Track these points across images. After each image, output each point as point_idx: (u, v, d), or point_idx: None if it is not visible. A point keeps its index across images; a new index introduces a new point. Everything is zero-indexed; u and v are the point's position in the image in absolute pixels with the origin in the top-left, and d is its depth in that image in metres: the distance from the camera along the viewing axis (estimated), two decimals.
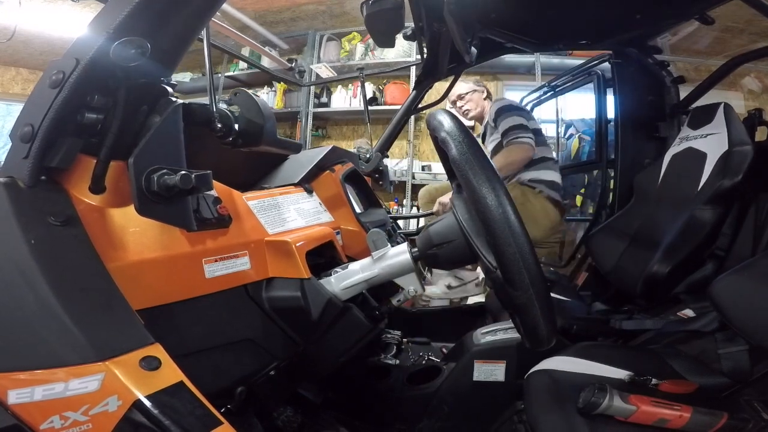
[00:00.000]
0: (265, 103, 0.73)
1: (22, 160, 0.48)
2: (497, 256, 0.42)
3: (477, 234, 0.55)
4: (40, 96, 0.49)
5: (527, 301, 0.42)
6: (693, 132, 1.30)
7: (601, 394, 0.72)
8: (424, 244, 0.66)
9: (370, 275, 0.70)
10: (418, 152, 3.69)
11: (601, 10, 1.26)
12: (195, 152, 0.58)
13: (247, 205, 0.73)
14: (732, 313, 0.78)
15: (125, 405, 0.39)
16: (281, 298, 0.69)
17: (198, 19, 0.59)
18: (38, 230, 0.45)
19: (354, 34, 3.70)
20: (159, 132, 0.52)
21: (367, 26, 1.06)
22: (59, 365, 0.40)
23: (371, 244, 0.70)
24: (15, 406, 0.39)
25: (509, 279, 0.42)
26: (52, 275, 0.43)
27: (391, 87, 3.57)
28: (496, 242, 0.40)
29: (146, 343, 0.44)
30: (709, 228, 1.11)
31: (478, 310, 1.50)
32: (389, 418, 1.02)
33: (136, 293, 0.50)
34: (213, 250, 0.62)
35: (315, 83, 3.76)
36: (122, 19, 0.48)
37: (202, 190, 0.53)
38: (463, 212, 0.58)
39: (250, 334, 0.68)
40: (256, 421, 0.72)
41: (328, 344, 0.75)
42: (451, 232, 0.62)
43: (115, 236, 0.52)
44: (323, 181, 1.02)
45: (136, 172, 0.48)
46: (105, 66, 0.48)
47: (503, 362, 0.99)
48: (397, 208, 3.55)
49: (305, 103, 3.83)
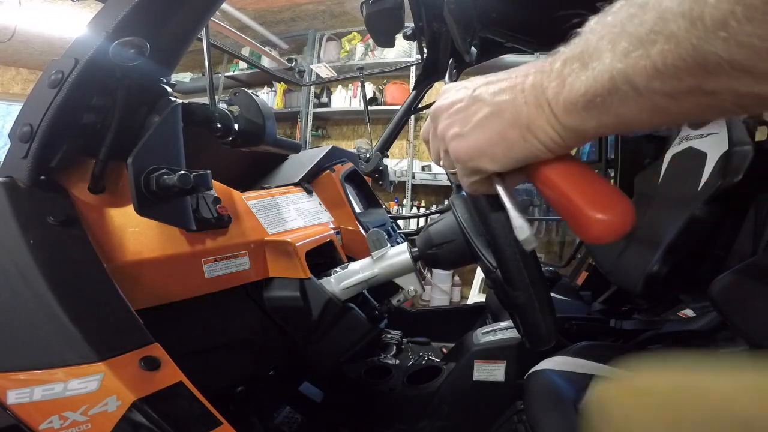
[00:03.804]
0: (265, 102, 0.73)
1: (21, 159, 0.48)
2: (497, 256, 0.42)
3: (477, 234, 0.55)
4: (40, 96, 0.49)
5: (527, 301, 0.42)
6: (693, 132, 1.30)
7: None
8: (424, 244, 0.66)
9: (369, 275, 0.70)
10: (418, 152, 3.68)
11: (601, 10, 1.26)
12: (194, 152, 0.58)
13: (247, 205, 0.73)
14: (732, 313, 0.78)
15: (124, 405, 0.39)
16: (281, 298, 0.69)
17: (197, 19, 0.59)
18: (37, 230, 0.45)
19: (354, 34, 3.70)
20: (158, 132, 0.52)
21: (367, 26, 1.06)
22: (58, 365, 0.40)
23: (371, 244, 0.70)
24: (14, 406, 0.39)
25: (509, 279, 0.42)
26: (52, 275, 0.43)
27: (391, 87, 3.56)
28: (496, 242, 0.40)
29: (146, 343, 0.44)
30: (709, 228, 1.11)
31: (478, 310, 1.49)
32: (389, 418, 1.02)
33: (136, 293, 0.50)
34: (212, 250, 0.62)
35: (315, 83, 3.76)
36: (121, 18, 0.48)
37: (201, 189, 0.53)
38: (463, 212, 0.58)
39: (250, 334, 0.68)
40: (256, 421, 0.72)
41: (328, 344, 0.75)
42: (451, 232, 0.62)
43: (115, 236, 0.52)
44: (323, 181, 1.02)
45: (135, 172, 0.48)
46: (104, 66, 0.48)
47: (503, 362, 0.99)
48: (397, 208, 3.54)
49: (305, 103, 3.82)
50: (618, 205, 0.27)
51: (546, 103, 0.29)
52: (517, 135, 0.30)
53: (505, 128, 0.30)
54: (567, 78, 0.27)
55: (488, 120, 0.31)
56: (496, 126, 0.31)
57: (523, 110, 0.30)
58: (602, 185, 0.28)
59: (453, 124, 0.33)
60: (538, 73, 0.30)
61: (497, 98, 0.31)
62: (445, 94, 0.36)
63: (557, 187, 0.29)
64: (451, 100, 0.34)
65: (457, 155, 0.33)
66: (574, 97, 0.27)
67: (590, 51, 0.26)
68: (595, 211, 0.27)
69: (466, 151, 0.32)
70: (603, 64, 0.25)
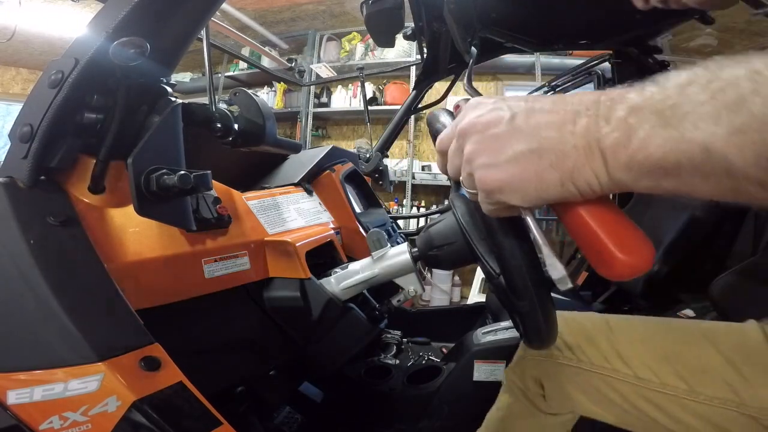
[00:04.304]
0: (265, 102, 0.73)
1: (21, 160, 0.47)
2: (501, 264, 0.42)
3: (479, 238, 0.54)
4: (40, 96, 0.49)
5: (531, 310, 0.42)
6: None
7: None
8: (424, 244, 0.66)
9: (370, 275, 0.70)
10: (418, 152, 3.68)
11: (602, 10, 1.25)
12: (194, 152, 0.58)
13: (247, 205, 0.73)
14: (732, 313, 0.78)
15: (124, 405, 0.39)
16: (281, 298, 0.69)
17: (197, 19, 0.58)
18: (37, 230, 0.45)
19: (354, 34, 3.70)
20: (158, 132, 0.52)
21: (367, 26, 1.06)
22: (59, 365, 0.40)
23: (371, 245, 0.70)
24: (14, 407, 0.39)
25: (513, 287, 0.42)
26: (52, 275, 0.43)
27: (391, 87, 3.56)
28: (501, 253, 0.40)
29: (146, 343, 0.44)
30: (709, 228, 1.11)
31: (478, 310, 1.49)
32: (389, 418, 1.02)
33: (136, 293, 0.50)
34: (213, 250, 0.62)
35: (315, 83, 3.76)
36: (121, 18, 0.48)
37: (201, 190, 0.53)
38: (464, 213, 0.58)
39: (250, 334, 0.68)
40: (256, 421, 0.72)
41: (329, 344, 0.75)
42: (452, 233, 0.62)
43: (115, 236, 0.52)
44: (323, 181, 1.02)
45: (136, 172, 0.48)
46: (104, 66, 0.48)
47: (503, 362, 0.98)
48: (397, 208, 3.54)
49: (305, 103, 3.82)
50: (643, 248, 0.28)
51: (599, 153, 0.26)
52: (556, 179, 0.28)
53: (543, 169, 0.28)
54: (636, 131, 0.24)
55: (526, 157, 0.28)
56: (534, 165, 0.28)
57: (571, 155, 0.27)
58: (629, 227, 0.29)
59: (484, 151, 0.30)
60: (593, 115, 0.26)
61: (541, 134, 0.28)
62: (476, 110, 0.32)
63: (585, 225, 0.29)
64: (485, 121, 0.31)
65: (484, 185, 0.31)
66: (643, 157, 0.24)
67: (681, 112, 0.23)
68: (621, 253, 0.28)
69: (496, 183, 0.30)
70: (698, 132, 0.22)
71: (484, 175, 0.30)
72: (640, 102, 0.24)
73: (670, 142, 0.23)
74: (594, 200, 0.29)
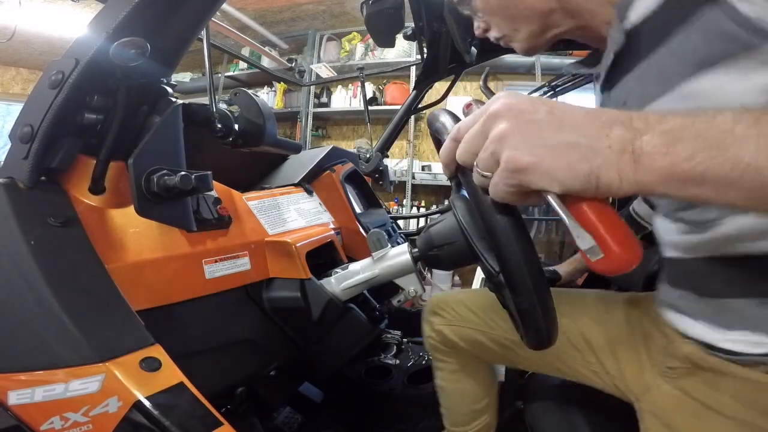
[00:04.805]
0: (265, 103, 0.73)
1: (21, 160, 0.48)
2: (501, 262, 0.42)
3: (479, 238, 0.54)
4: (40, 96, 0.49)
5: (530, 307, 0.42)
6: None
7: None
8: (424, 245, 0.66)
9: (370, 276, 0.70)
10: (418, 152, 3.68)
11: None
12: (195, 153, 0.58)
13: (247, 206, 0.73)
14: None
15: (125, 406, 0.39)
16: (281, 298, 0.69)
17: (198, 19, 0.58)
18: (38, 231, 0.45)
19: (354, 34, 3.70)
20: (159, 132, 0.52)
21: (367, 26, 1.05)
22: (59, 366, 0.40)
23: (371, 245, 0.70)
24: (15, 407, 0.39)
25: (512, 285, 0.41)
26: (52, 276, 0.43)
27: (391, 87, 3.56)
28: (500, 250, 0.40)
29: (146, 343, 0.44)
30: None
31: None
32: (389, 418, 1.02)
33: (136, 294, 0.50)
34: (213, 250, 0.62)
35: (315, 83, 3.76)
36: (122, 19, 0.48)
37: (201, 190, 0.53)
38: (464, 213, 0.58)
39: (250, 335, 0.68)
40: (256, 421, 0.72)
41: (329, 344, 0.75)
42: (452, 234, 0.62)
43: (115, 237, 0.52)
44: (323, 181, 1.02)
45: (136, 173, 0.48)
46: (105, 66, 0.48)
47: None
48: (397, 208, 3.54)
49: (305, 103, 3.82)
50: (635, 246, 0.33)
51: (630, 156, 0.29)
52: (585, 170, 0.30)
53: (576, 160, 0.30)
54: (678, 142, 0.28)
55: (563, 146, 0.30)
56: (568, 155, 0.30)
57: (603, 153, 0.30)
58: (623, 227, 0.33)
59: (519, 132, 0.31)
60: (626, 122, 0.30)
61: (581, 130, 0.31)
62: (510, 97, 0.33)
63: (588, 220, 0.32)
64: (522, 107, 0.32)
65: (512, 163, 0.31)
66: (678, 166, 0.28)
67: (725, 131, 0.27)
68: (617, 247, 0.32)
69: (525, 163, 0.31)
70: (743, 153, 0.26)
71: (515, 154, 0.31)
72: (683, 120, 0.28)
73: (716, 161, 0.27)
74: (598, 200, 0.33)
